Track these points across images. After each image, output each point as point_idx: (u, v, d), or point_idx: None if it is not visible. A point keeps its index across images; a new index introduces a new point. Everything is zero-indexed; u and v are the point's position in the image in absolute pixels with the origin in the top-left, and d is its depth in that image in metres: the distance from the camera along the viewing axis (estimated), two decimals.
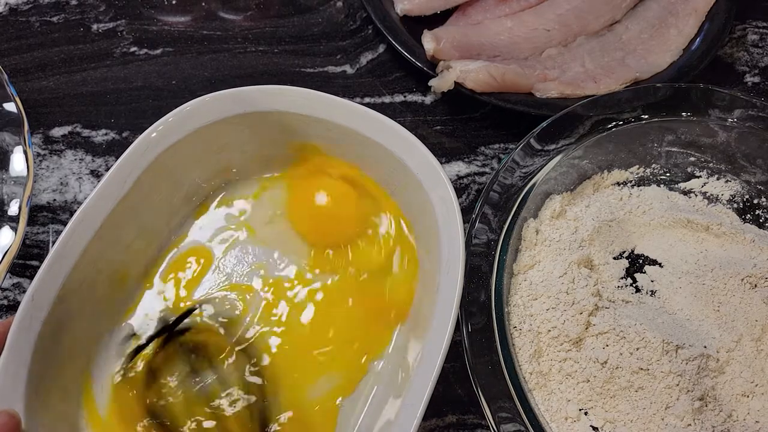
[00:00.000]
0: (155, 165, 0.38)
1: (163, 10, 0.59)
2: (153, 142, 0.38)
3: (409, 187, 0.39)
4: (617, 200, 0.48)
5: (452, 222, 0.36)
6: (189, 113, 0.39)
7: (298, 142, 0.42)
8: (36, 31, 0.57)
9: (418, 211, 0.40)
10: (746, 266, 0.44)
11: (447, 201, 0.37)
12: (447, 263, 0.36)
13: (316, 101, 0.40)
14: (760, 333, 0.42)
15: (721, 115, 0.47)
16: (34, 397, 0.33)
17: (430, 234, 0.38)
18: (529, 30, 0.56)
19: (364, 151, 0.40)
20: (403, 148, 0.39)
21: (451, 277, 0.35)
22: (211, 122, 0.39)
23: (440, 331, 0.34)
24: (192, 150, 0.40)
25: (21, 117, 0.46)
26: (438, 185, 0.37)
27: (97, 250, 0.36)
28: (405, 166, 0.39)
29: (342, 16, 0.60)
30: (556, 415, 0.40)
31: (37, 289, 0.34)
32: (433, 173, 0.38)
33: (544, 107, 0.51)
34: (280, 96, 0.40)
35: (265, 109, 0.40)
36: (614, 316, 0.42)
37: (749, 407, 0.40)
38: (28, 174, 0.45)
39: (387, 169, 0.40)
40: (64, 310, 0.35)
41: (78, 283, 0.36)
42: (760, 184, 0.48)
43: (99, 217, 0.36)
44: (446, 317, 0.34)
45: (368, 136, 0.39)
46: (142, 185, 0.38)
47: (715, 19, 0.57)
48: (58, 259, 0.35)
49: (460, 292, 0.35)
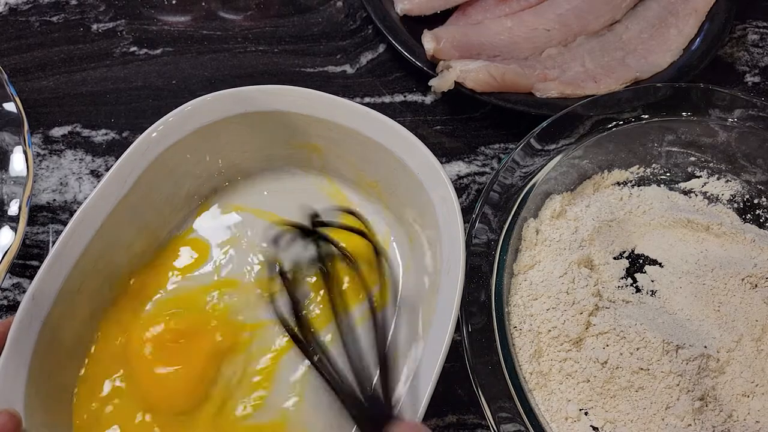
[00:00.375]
0: (156, 164, 0.38)
1: (163, 10, 0.59)
2: (153, 142, 0.38)
3: (410, 187, 0.39)
4: (617, 200, 0.48)
5: (453, 222, 0.36)
6: (190, 113, 0.39)
7: (299, 142, 0.42)
8: (36, 30, 0.57)
9: (418, 211, 0.40)
10: (746, 266, 0.44)
11: (447, 201, 0.37)
12: (448, 263, 0.36)
13: (317, 101, 0.40)
14: (761, 333, 0.42)
15: (722, 114, 0.47)
16: (34, 397, 0.33)
17: (430, 233, 0.38)
18: (529, 30, 0.56)
19: (365, 151, 0.40)
20: (404, 148, 0.39)
21: (452, 277, 0.35)
22: (212, 122, 0.39)
23: (441, 330, 0.34)
24: (193, 149, 0.40)
25: (21, 117, 0.46)
26: (438, 185, 0.37)
27: (97, 249, 0.36)
28: (405, 166, 0.39)
29: (342, 16, 0.60)
30: (557, 415, 0.40)
31: (38, 288, 0.34)
32: (434, 173, 0.38)
33: (544, 107, 0.51)
34: (281, 96, 0.40)
35: (266, 109, 0.40)
36: (614, 316, 0.42)
37: (749, 407, 0.40)
38: (27, 174, 0.45)
39: (387, 169, 0.40)
40: (64, 309, 0.35)
41: (78, 282, 0.36)
42: (761, 183, 0.48)
43: (99, 217, 0.36)
44: (447, 317, 0.34)
45: (369, 136, 0.39)
46: (142, 185, 0.38)
47: (716, 18, 0.57)
48: (58, 258, 0.35)
49: (461, 292, 0.35)
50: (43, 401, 0.34)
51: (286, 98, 0.40)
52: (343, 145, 0.41)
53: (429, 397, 0.32)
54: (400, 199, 0.41)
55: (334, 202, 0.44)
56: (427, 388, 0.32)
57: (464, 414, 0.44)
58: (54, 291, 0.34)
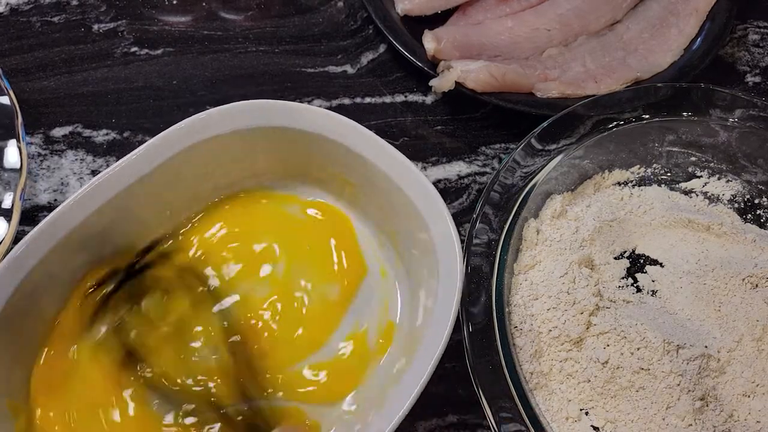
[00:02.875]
0: (186, 152, 0.39)
1: (163, 10, 0.59)
2: (193, 130, 0.39)
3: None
4: (618, 200, 0.48)
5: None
6: (229, 112, 0.39)
7: (335, 171, 0.42)
8: (37, 31, 0.57)
9: (428, 270, 0.39)
10: (747, 266, 0.44)
11: (453, 274, 0.36)
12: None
13: (368, 142, 0.39)
14: (761, 333, 0.42)
15: (722, 114, 0.47)
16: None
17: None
18: (530, 30, 0.56)
19: (390, 198, 0.40)
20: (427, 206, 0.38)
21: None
22: (254, 127, 0.40)
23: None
24: (228, 149, 0.40)
25: (15, 110, 0.46)
26: (450, 255, 0.37)
27: (109, 216, 0.37)
28: (428, 228, 0.38)
29: (343, 16, 0.60)
30: (557, 415, 0.40)
31: (35, 237, 0.35)
32: (449, 243, 0.37)
33: (544, 107, 0.51)
34: (337, 125, 0.40)
35: (316, 132, 0.40)
36: (615, 316, 0.42)
37: (750, 407, 0.40)
38: (21, 167, 0.45)
39: (407, 220, 0.40)
40: (54, 265, 0.36)
41: (81, 241, 0.37)
42: (761, 183, 0.48)
43: (116, 187, 0.37)
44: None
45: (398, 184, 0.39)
46: (168, 168, 0.39)
47: (716, 18, 0.57)
48: (69, 210, 0.36)
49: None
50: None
51: (337, 127, 0.40)
52: (373, 187, 0.41)
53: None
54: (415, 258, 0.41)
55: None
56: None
57: (465, 414, 0.44)
58: (52, 241, 0.35)
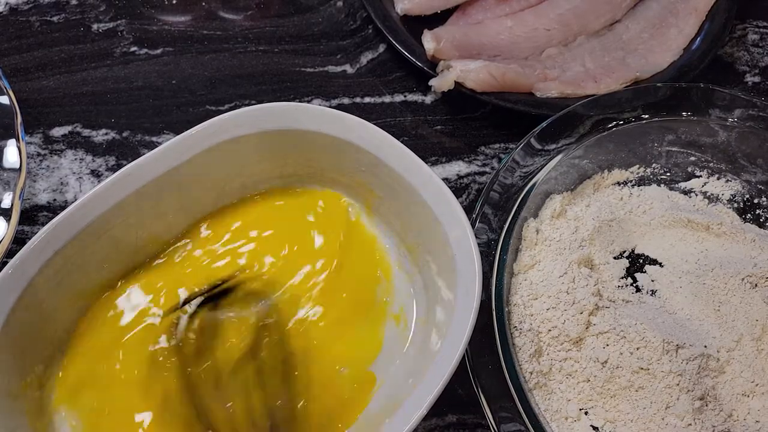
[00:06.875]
0: (217, 148, 0.39)
1: (163, 10, 0.59)
2: (225, 126, 0.39)
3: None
4: (617, 200, 0.48)
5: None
6: (261, 113, 0.39)
7: (362, 179, 0.42)
8: (36, 30, 0.57)
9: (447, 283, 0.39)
10: (747, 266, 0.44)
11: (471, 293, 0.36)
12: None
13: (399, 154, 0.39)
14: (761, 332, 0.42)
15: (722, 114, 0.47)
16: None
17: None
18: (530, 29, 0.56)
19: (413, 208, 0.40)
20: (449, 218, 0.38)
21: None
22: (286, 129, 0.40)
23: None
24: (259, 148, 0.40)
25: (14, 110, 0.46)
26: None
27: (134, 206, 0.37)
28: (449, 241, 0.38)
29: (342, 16, 0.60)
30: (557, 414, 0.40)
31: (61, 222, 0.35)
32: (468, 254, 0.36)
33: (544, 107, 0.51)
34: (365, 135, 0.39)
35: (346, 139, 0.40)
36: (614, 315, 0.42)
37: (749, 407, 0.40)
38: (20, 167, 0.45)
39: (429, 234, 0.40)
40: (75, 253, 0.36)
41: (101, 230, 0.37)
42: (761, 183, 0.48)
43: (143, 178, 0.37)
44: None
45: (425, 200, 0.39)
46: (197, 163, 0.39)
47: (716, 18, 0.57)
48: (93, 199, 0.36)
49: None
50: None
51: (367, 137, 0.39)
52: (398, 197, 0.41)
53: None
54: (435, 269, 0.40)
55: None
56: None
57: (464, 414, 0.44)
58: (76, 228, 0.35)
